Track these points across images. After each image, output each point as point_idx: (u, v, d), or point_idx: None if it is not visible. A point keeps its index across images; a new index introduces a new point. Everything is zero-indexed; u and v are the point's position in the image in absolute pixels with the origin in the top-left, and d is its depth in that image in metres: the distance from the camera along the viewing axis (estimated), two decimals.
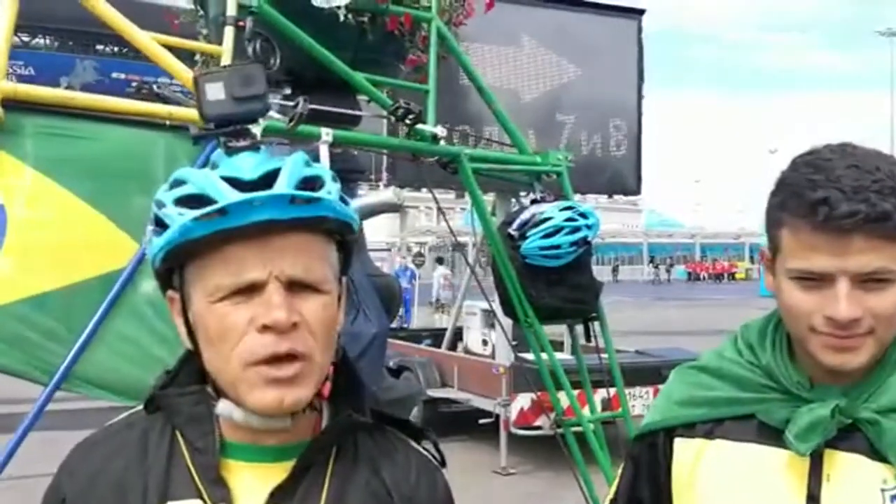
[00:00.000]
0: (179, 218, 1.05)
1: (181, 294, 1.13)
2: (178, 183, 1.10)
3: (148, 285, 2.55)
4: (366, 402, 1.21)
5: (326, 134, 2.90)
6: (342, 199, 1.12)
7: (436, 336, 10.97)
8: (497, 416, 8.33)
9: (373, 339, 3.04)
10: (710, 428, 1.35)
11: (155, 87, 2.78)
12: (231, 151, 1.13)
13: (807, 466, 1.25)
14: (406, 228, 28.92)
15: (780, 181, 1.25)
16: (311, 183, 1.09)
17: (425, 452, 1.26)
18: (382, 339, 3.19)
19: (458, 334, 10.45)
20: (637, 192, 10.18)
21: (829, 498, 1.24)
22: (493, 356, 9.19)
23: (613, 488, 1.51)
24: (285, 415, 1.10)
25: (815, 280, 1.20)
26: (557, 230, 3.31)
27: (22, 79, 12.96)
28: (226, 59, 2.75)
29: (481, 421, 8.60)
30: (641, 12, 9.53)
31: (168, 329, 2.56)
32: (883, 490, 1.22)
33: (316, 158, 2.99)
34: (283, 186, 1.05)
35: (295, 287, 1.07)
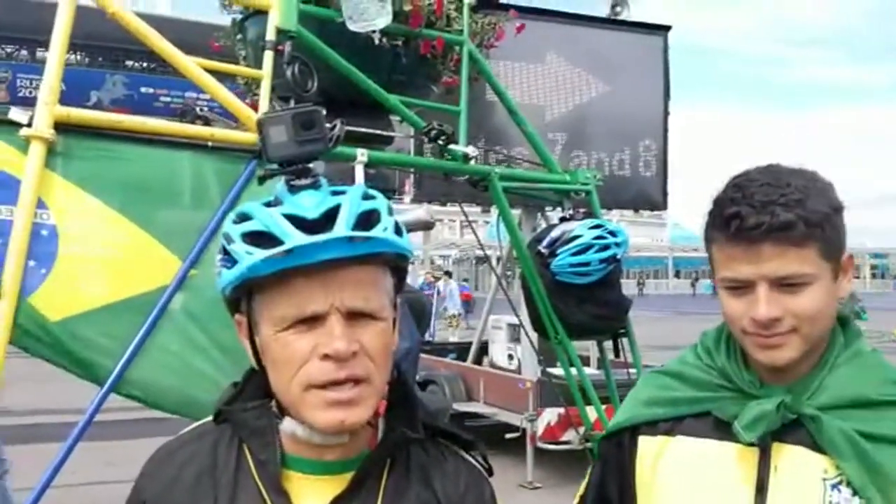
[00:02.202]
0: (248, 257, 1.13)
1: (248, 319, 1.21)
2: (245, 217, 1.18)
3: (190, 301, 2.64)
4: (419, 416, 1.29)
5: (362, 154, 2.98)
6: (397, 230, 1.20)
7: (461, 350, 11.00)
8: (523, 431, 8.35)
9: (406, 354, 3.11)
10: (670, 426, 1.48)
11: (197, 109, 2.87)
12: (294, 189, 1.20)
13: (756, 458, 1.37)
14: (430, 242, 28.98)
15: (712, 201, 1.40)
16: (369, 216, 1.16)
17: (474, 462, 1.34)
18: (415, 354, 3.26)
19: (483, 348, 10.48)
20: (663, 207, 10.20)
21: (776, 487, 1.36)
22: (519, 370, 9.22)
23: (583, 486, 1.63)
24: (345, 433, 1.18)
25: (741, 287, 1.34)
26: (587, 248, 3.36)
27: None
28: (266, 83, 2.84)
29: (508, 435, 8.62)
30: (668, 28, 9.55)
31: (208, 342, 2.65)
32: (824, 479, 1.33)
33: (351, 177, 3.08)
34: (342, 227, 1.12)
35: (354, 316, 1.15)
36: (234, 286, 1.17)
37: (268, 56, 2.88)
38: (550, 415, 8.11)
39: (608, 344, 3.92)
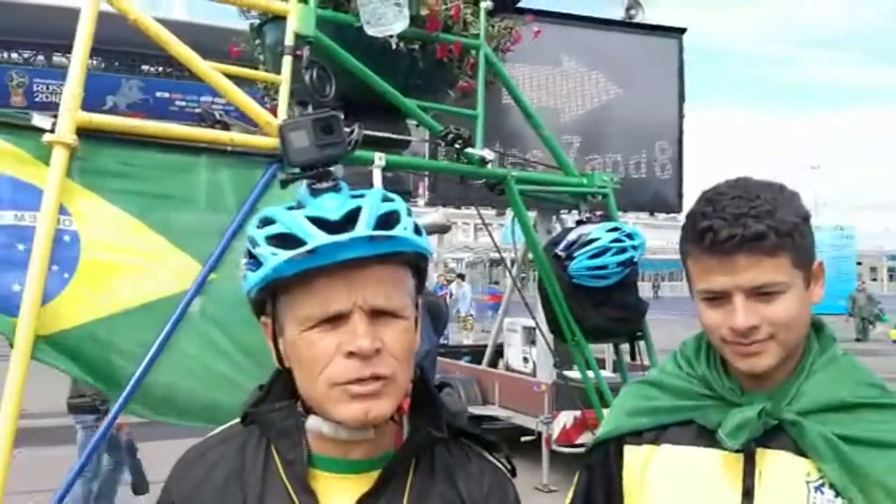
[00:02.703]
0: (273, 258, 1.16)
1: (273, 320, 1.24)
2: (268, 221, 1.21)
3: (210, 304, 2.66)
4: (443, 416, 1.31)
5: (379, 158, 2.99)
6: (416, 230, 1.22)
7: (476, 353, 11.01)
8: (539, 434, 8.35)
9: (424, 356, 3.13)
10: (655, 435, 1.52)
11: (217, 114, 2.90)
12: (315, 192, 1.24)
13: (741, 464, 1.41)
14: (444, 244, 29.03)
15: (686, 216, 1.45)
16: (389, 217, 1.19)
17: (497, 464, 1.36)
18: (433, 356, 3.27)
19: (498, 351, 10.48)
20: (679, 209, 10.17)
21: (761, 491, 1.39)
22: (534, 373, 9.22)
23: (569, 497, 1.65)
24: (369, 427, 1.20)
25: (718, 298, 1.38)
26: (604, 251, 3.37)
27: None
28: (284, 88, 2.86)
29: (523, 438, 8.62)
30: (682, 31, 9.54)
31: (229, 345, 2.66)
32: (808, 482, 1.37)
33: (369, 181, 3.10)
34: (363, 227, 1.15)
35: (377, 315, 1.17)
36: (259, 288, 1.20)
37: (286, 61, 2.90)
38: (566, 418, 8.10)
39: (625, 346, 3.92)
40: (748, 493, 1.40)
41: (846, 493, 1.34)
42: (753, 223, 1.32)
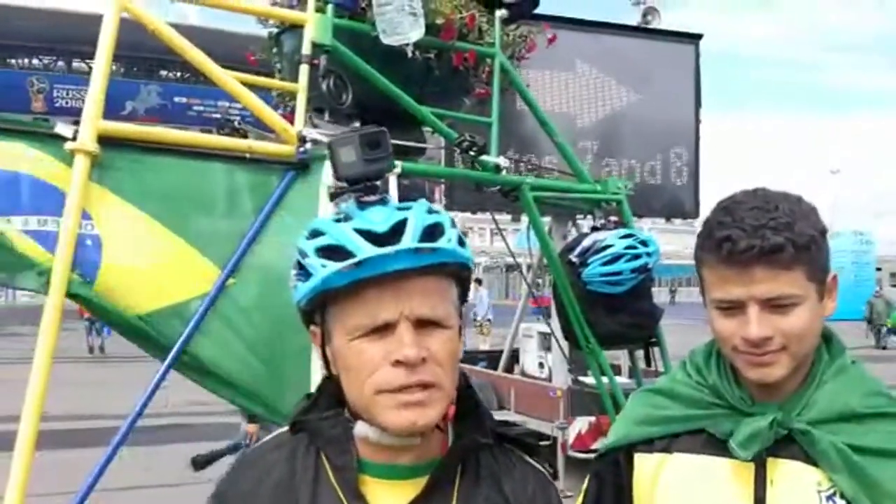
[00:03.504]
0: (322, 270, 1.21)
1: (322, 329, 1.29)
2: (317, 233, 1.25)
3: (228, 308, 2.70)
4: (486, 422, 1.35)
5: (396, 166, 3.02)
6: (460, 241, 1.26)
7: (491, 358, 11.01)
8: (554, 440, 8.35)
9: None
10: (667, 443, 1.53)
11: (235, 122, 2.94)
12: (363, 205, 1.28)
13: (752, 473, 1.42)
14: None
15: (702, 225, 1.45)
16: (434, 229, 1.24)
17: (539, 467, 1.40)
18: None
19: (514, 356, 10.48)
20: (695, 215, 10.13)
21: (773, 500, 1.40)
22: (549, 379, 9.21)
23: (578, 503, 1.67)
24: (416, 435, 1.25)
25: (732, 307, 1.38)
26: (618, 257, 3.38)
27: None
28: (302, 96, 2.90)
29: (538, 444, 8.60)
30: (699, 37, 9.53)
31: (245, 350, 2.70)
32: (819, 491, 1.38)
33: (385, 187, 3.13)
34: (409, 239, 1.20)
35: (422, 324, 1.22)
36: (309, 298, 1.24)
37: (303, 69, 2.94)
38: (581, 423, 8.10)
39: (639, 352, 3.93)
40: (760, 501, 1.41)
41: (857, 502, 1.35)
42: (772, 235, 1.33)
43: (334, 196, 1.40)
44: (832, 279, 1.44)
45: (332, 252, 1.21)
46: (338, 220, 1.26)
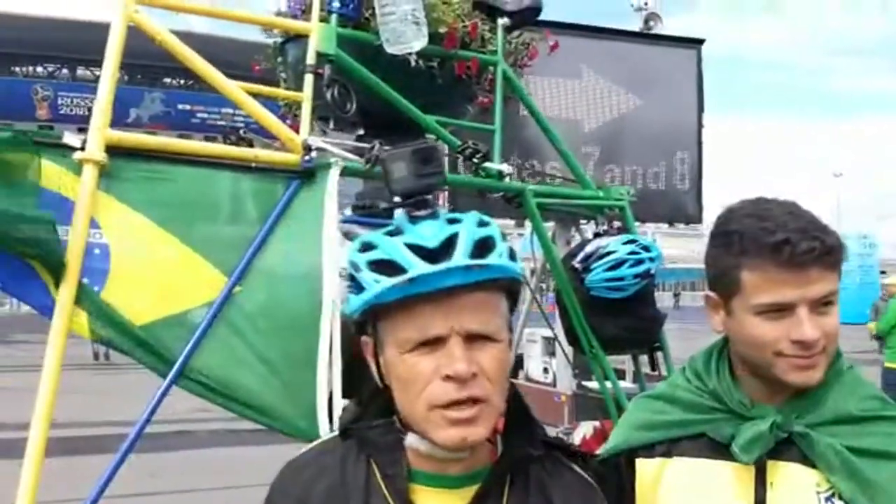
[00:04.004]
0: (375, 285, 1.22)
1: (374, 340, 1.31)
2: (369, 247, 1.27)
3: (234, 316, 2.72)
4: (537, 433, 1.37)
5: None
6: (511, 255, 1.28)
7: None
8: None
9: None
10: (667, 448, 1.56)
11: (241, 131, 2.97)
12: (414, 220, 1.30)
13: (753, 475, 1.45)
14: None
15: (726, 232, 1.46)
16: (484, 243, 1.25)
17: (585, 475, 1.41)
18: None
19: (518, 361, 10.47)
20: (699, 220, 10.12)
21: (773, 502, 1.43)
22: (554, 384, 9.20)
23: None
24: (466, 449, 1.26)
25: (779, 311, 1.39)
26: (621, 263, 3.40)
27: None
28: (306, 106, 2.93)
29: None
30: (701, 42, 9.55)
31: (252, 357, 2.72)
32: (818, 493, 1.40)
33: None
34: (461, 255, 1.21)
35: (473, 339, 1.23)
36: (361, 311, 1.27)
37: (308, 79, 2.97)
38: (586, 428, 8.07)
39: (643, 357, 3.95)
40: (760, 503, 1.43)
41: (855, 502, 1.37)
42: (826, 236, 1.37)
43: (388, 211, 1.43)
44: None
45: (384, 266, 1.23)
46: (389, 234, 1.28)
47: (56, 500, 3.74)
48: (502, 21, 3.53)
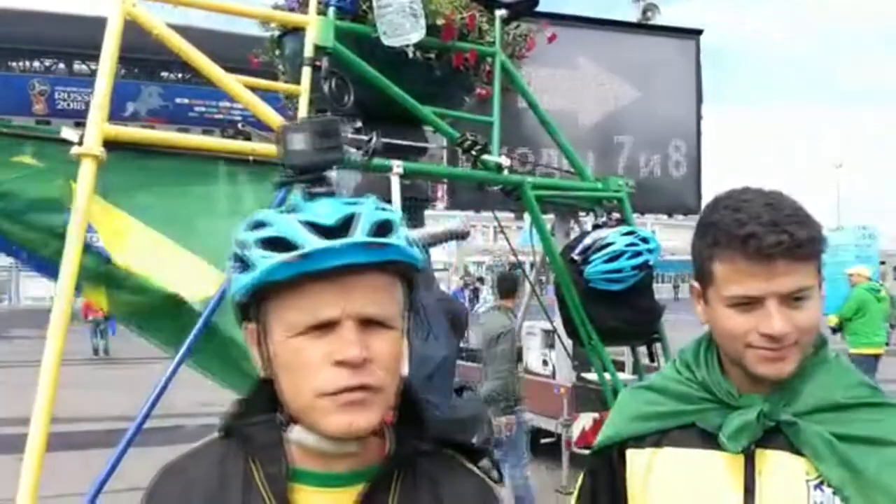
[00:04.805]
0: (264, 261, 1.12)
1: (258, 325, 1.20)
2: (260, 225, 1.18)
3: (226, 313, 2.72)
4: (428, 428, 1.28)
5: (398, 166, 3.04)
6: (409, 241, 1.21)
7: None
8: (559, 436, 8.37)
9: (443, 361, 3.16)
10: (657, 439, 1.56)
11: (239, 125, 2.96)
12: (311, 197, 1.22)
13: (742, 464, 1.45)
14: (463, 249, 28.99)
15: (706, 223, 1.46)
16: (383, 225, 1.17)
17: (482, 475, 1.33)
18: (452, 361, 3.30)
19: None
20: (697, 211, 10.12)
21: (762, 490, 1.44)
22: (553, 376, 9.23)
23: (574, 501, 1.69)
24: (354, 438, 1.18)
25: (748, 303, 1.40)
26: (619, 255, 3.40)
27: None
28: (304, 99, 2.93)
29: (543, 440, 8.63)
30: (699, 32, 9.53)
31: (242, 354, 2.73)
32: (807, 481, 1.41)
33: (388, 187, 3.14)
34: (359, 233, 1.13)
35: (366, 324, 1.15)
36: (247, 291, 1.16)
37: (305, 71, 2.96)
38: (585, 420, 8.11)
39: (642, 349, 3.95)
40: (749, 492, 1.44)
41: (843, 490, 1.38)
42: (796, 230, 1.36)
43: (282, 185, 1.33)
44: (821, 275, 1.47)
45: (276, 244, 1.13)
46: (283, 212, 1.18)
47: (57, 495, 3.75)
48: (500, 12, 3.53)
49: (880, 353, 10.89)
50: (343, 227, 1.14)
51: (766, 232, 1.36)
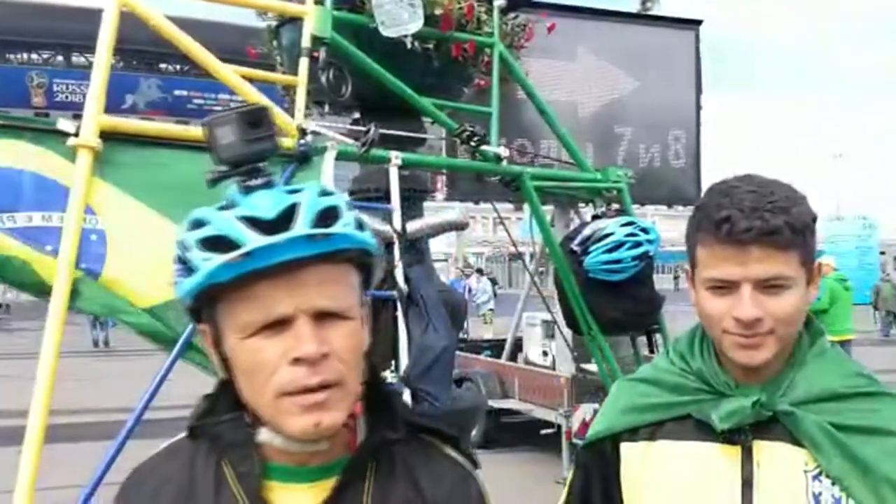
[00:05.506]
0: (205, 263, 1.08)
1: (212, 328, 1.16)
2: (199, 224, 1.13)
3: None
4: (398, 415, 1.26)
5: (396, 157, 3.03)
6: (359, 226, 1.16)
7: (495, 347, 11.02)
8: (559, 427, 8.38)
9: (442, 352, 3.17)
10: (652, 431, 1.53)
11: None
12: (247, 190, 1.17)
13: (740, 456, 1.44)
14: (463, 240, 29.00)
15: (695, 208, 1.47)
16: (328, 213, 1.12)
17: (459, 459, 1.31)
18: (451, 352, 3.31)
19: (518, 345, 10.50)
20: (696, 201, 10.11)
21: (761, 481, 1.42)
22: (553, 367, 9.23)
23: (564, 495, 1.66)
24: (321, 438, 1.14)
25: (725, 287, 1.40)
26: (619, 245, 3.39)
27: None
28: (301, 89, 2.92)
29: (543, 431, 8.64)
30: (699, 22, 9.51)
31: None
32: (806, 471, 1.40)
33: (387, 178, 3.14)
34: (301, 225, 1.09)
35: (322, 317, 1.11)
36: (193, 295, 1.11)
37: (303, 62, 2.95)
38: (585, 410, 8.12)
39: (642, 339, 3.95)
40: (748, 483, 1.43)
41: (843, 480, 1.37)
42: (771, 217, 1.35)
43: (213, 182, 1.26)
44: (817, 267, 1.46)
45: (216, 244, 1.08)
46: (221, 209, 1.13)
47: (56, 487, 3.75)
48: (498, 2, 3.51)
49: (851, 338, 11.21)
50: (284, 219, 1.09)
51: (741, 217, 1.36)
